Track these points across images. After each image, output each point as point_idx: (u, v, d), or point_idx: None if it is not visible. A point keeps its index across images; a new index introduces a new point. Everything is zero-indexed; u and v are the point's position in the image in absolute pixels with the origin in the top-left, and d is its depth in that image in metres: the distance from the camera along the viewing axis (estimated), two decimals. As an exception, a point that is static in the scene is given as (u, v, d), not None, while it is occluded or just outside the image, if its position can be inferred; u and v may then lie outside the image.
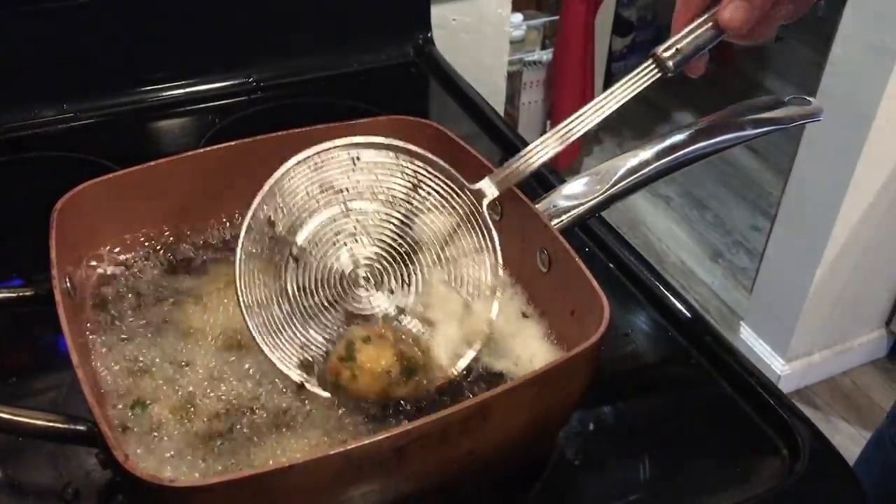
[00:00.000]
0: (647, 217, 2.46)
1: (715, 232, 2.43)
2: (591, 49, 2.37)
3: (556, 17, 2.32)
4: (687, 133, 0.69)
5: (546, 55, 2.38)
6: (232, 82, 0.98)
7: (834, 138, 1.67)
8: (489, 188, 0.64)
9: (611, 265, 0.78)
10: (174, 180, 0.68)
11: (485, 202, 0.63)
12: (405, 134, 0.73)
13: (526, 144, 0.93)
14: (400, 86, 1.06)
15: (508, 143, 0.95)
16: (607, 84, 2.70)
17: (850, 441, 1.89)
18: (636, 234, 2.42)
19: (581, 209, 0.67)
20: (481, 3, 1.19)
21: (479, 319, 0.63)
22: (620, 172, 0.67)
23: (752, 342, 2.00)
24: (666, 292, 0.75)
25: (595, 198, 0.67)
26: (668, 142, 0.69)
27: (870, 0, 1.56)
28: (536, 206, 0.67)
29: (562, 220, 0.66)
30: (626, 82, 0.61)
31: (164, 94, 0.99)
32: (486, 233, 0.64)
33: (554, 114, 2.48)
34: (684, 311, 0.73)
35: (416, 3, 1.05)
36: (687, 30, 0.61)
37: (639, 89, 0.61)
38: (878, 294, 1.97)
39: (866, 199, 1.71)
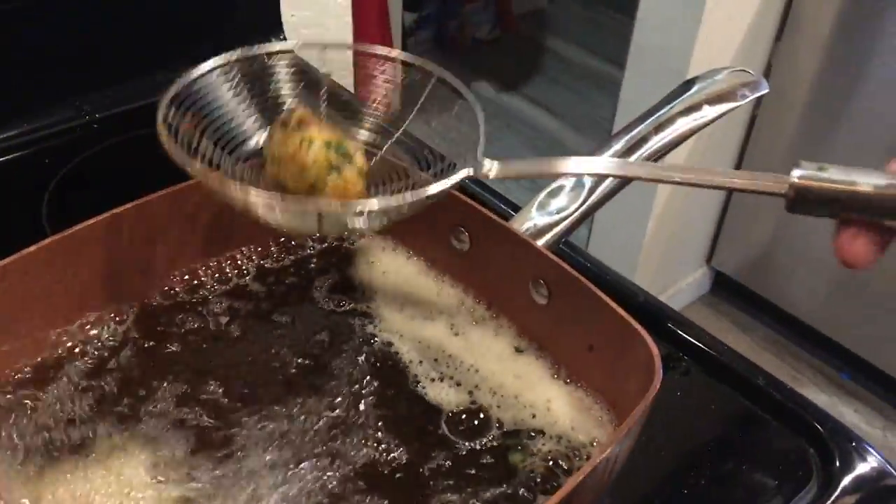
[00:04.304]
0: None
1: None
2: (387, 25, 2.29)
3: (349, -3, 2.21)
4: (649, 123, 0.63)
5: (343, 38, 2.26)
6: (59, 117, 0.79)
7: (649, 92, 1.71)
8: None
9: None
10: (35, 278, 0.52)
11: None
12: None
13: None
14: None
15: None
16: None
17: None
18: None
19: (564, 225, 0.59)
20: (320, -6, 1.07)
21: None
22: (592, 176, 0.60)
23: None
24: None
25: (577, 209, 0.59)
26: (633, 133, 0.62)
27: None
28: (514, 226, 0.58)
29: (547, 241, 0.58)
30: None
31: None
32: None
33: (359, 95, 2.37)
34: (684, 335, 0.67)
35: (263, 3, 0.91)
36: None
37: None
38: (699, 235, 2.08)
39: (685, 146, 1.78)
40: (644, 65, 1.73)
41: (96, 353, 0.53)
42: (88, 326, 0.54)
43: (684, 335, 0.66)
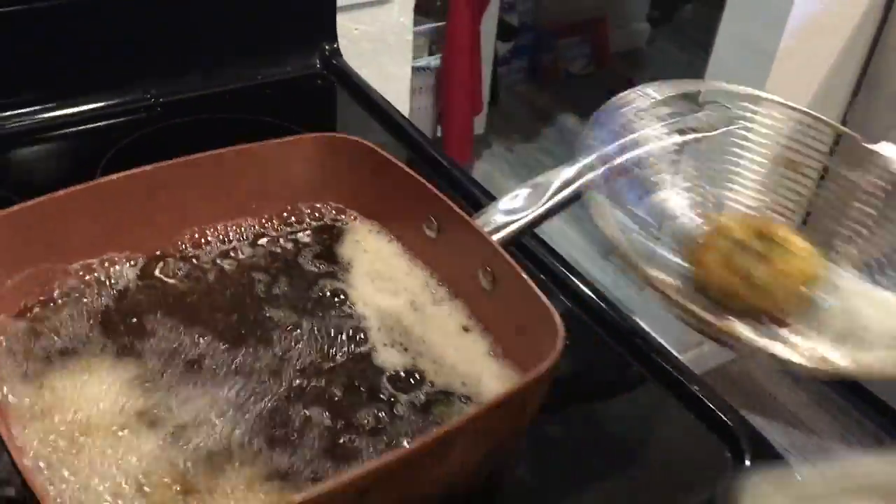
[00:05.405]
0: (538, 218, 2.49)
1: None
2: (478, 54, 2.38)
3: (443, 23, 2.32)
4: (617, 144, 0.70)
5: (434, 61, 2.38)
6: (128, 98, 0.92)
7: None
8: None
9: (542, 276, 0.78)
10: (70, 216, 0.62)
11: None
12: (332, 152, 0.71)
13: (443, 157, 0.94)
14: (308, 98, 1.02)
15: (427, 156, 0.93)
16: (494, 89, 2.75)
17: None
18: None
19: (520, 223, 0.66)
20: (384, 13, 1.17)
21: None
22: (556, 184, 0.67)
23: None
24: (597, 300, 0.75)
25: (533, 211, 0.66)
26: (598, 153, 0.69)
27: (745, 2, 1.64)
28: (476, 221, 0.65)
29: (502, 236, 0.65)
30: None
31: (48, 114, 0.90)
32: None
33: (444, 119, 2.48)
34: (618, 319, 0.74)
35: (321, 12, 1.02)
36: None
37: None
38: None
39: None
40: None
41: (108, 284, 0.64)
42: (107, 264, 0.65)
43: (637, 341, 0.72)
